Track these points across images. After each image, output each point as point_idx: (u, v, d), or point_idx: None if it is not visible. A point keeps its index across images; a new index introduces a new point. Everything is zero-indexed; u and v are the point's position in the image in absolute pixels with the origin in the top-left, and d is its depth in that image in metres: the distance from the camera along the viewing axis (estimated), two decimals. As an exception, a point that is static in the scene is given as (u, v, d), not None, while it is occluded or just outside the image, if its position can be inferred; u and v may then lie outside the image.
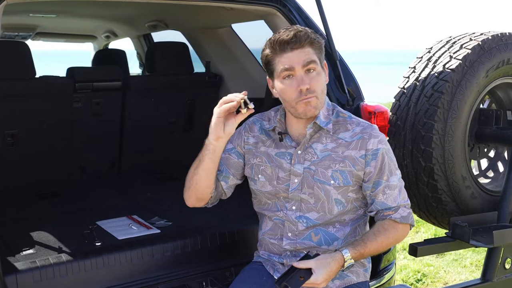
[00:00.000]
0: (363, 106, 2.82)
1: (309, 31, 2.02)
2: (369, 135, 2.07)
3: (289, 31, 2.00)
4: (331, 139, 2.09)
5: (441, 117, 2.55)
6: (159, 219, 2.79)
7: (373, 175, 2.07)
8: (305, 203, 2.11)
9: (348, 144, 2.08)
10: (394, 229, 2.08)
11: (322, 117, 2.07)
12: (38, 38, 5.67)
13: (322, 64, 2.05)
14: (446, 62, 2.63)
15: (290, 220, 2.13)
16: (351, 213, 2.14)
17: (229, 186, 2.24)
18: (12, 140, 3.31)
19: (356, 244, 2.02)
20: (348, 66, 2.95)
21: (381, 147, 2.07)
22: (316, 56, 2.01)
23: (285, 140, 2.13)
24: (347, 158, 2.07)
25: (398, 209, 2.08)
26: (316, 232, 2.12)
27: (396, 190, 2.09)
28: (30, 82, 3.27)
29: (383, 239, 2.06)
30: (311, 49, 2.00)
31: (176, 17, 4.13)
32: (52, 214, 2.98)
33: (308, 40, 1.99)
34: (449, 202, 2.65)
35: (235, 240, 2.63)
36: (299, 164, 2.10)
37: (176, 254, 2.48)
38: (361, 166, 2.06)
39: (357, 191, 2.12)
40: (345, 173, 2.07)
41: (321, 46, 2.04)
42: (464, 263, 4.44)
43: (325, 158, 2.08)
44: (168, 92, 3.78)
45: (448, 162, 2.59)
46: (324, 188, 2.08)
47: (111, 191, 3.46)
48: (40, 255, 2.34)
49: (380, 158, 2.06)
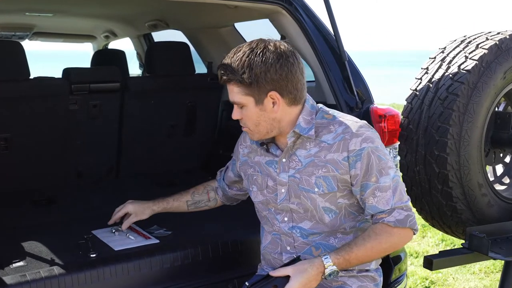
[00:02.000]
0: (373, 109, 2.72)
1: (235, 67, 1.89)
2: (351, 135, 1.92)
3: (222, 63, 1.95)
4: (314, 143, 1.97)
5: (456, 121, 2.46)
6: (158, 228, 2.67)
7: (359, 177, 1.92)
8: (296, 213, 2.01)
9: (329, 147, 1.94)
10: (387, 233, 1.91)
11: (303, 123, 1.96)
12: (36, 38, 5.60)
13: (259, 98, 1.91)
14: (461, 63, 2.54)
15: (284, 233, 2.05)
16: (350, 220, 2.00)
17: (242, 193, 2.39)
18: (5, 144, 3.20)
19: (340, 250, 1.89)
20: (357, 67, 2.84)
21: (366, 146, 1.91)
22: (243, 94, 1.91)
23: (271, 149, 2.06)
24: (329, 162, 1.93)
25: (393, 212, 1.91)
26: (316, 246, 2.01)
27: (388, 192, 1.92)
28: (24, 84, 3.15)
29: (373, 244, 1.90)
30: (235, 87, 1.91)
31: (177, 16, 4.05)
32: (46, 223, 2.88)
33: (226, 79, 1.91)
34: (464, 211, 2.55)
35: (239, 251, 2.52)
36: (284, 173, 2.01)
37: (176, 266, 2.38)
38: (345, 169, 1.92)
39: (349, 197, 1.97)
40: (329, 179, 1.94)
41: (250, 83, 1.88)
42: (473, 270, 4.37)
43: (309, 165, 1.97)
44: (168, 94, 3.67)
45: (464, 169, 2.49)
46: (309, 196, 1.96)
47: (108, 197, 3.34)
48: (31, 267, 2.23)
49: (366, 159, 1.91)
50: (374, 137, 1.94)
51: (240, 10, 3.10)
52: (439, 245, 4.86)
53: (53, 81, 3.33)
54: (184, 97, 3.74)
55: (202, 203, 2.45)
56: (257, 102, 1.91)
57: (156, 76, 3.62)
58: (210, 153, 3.88)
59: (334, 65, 2.77)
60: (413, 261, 4.52)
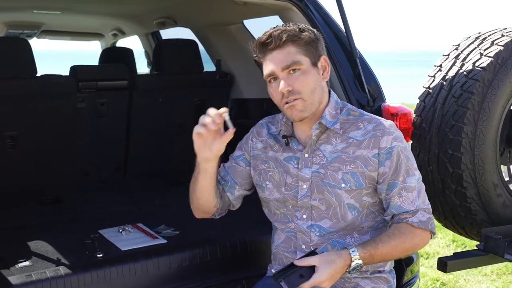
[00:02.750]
0: (385, 107, 2.68)
1: (291, 28, 1.86)
2: (382, 132, 1.89)
3: (268, 31, 1.87)
4: (341, 139, 1.93)
5: (470, 120, 2.40)
6: (165, 227, 2.63)
7: (387, 175, 1.89)
8: (316, 210, 1.95)
9: (359, 143, 1.91)
10: (411, 234, 1.88)
11: (328, 116, 1.92)
12: (44, 36, 5.58)
13: (315, 60, 1.89)
14: (476, 60, 2.48)
15: (301, 231, 1.98)
16: (369, 220, 1.96)
17: (236, 197, 2.11)
18: (12, 142, 3.18)
19: (367, 244, 1.84)
20: (369, 65, 2.79)
21: (396, 144, 1.88)
22: (301, 54, 1.85)
23: (292, 144, 1.99)
24: (358, 158, 1.89)
25: (417, 213, 1.89)
26: (332, 244, 1.95)
27: (414, 193, 1.90)
28: (31, 81, 3.14)
29: (397, 243, 1.86)
30: (293, 48, 1.85)
31: (185, 14, 4.01)
32: (53, 222, 2.85)
33: (286, 38, 1.84)
34: (479, 212, 2.49)
35: (248, 251, 2.48)
36: (307, 168, 1.95)
37: (184, 266, 2.34)
38: (374, 166, 1.89)
39: (372, 195, 1.94)
40: (357, 175, 1.89)
41: (308, 42, 1.87)
42: (484, 271, 4.30)
43: (335, 160, 1.92)
44: (176, 92, 3.64)
45: (479, 168, 2.43)
46: (335, 192, 1.91)
47: (115, 197, 3.33)
48: (36, 267, 2.20)
49: (395, 157, 1.88)
50: (402, 137, 1.93)
51: (249, 7, 3.05)
52: (450, 246, 4.81)
53: (60, 79, 3.31)
54: (192, 95, 3.70)
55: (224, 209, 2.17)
56: (313, 63, 1.88)
57: (164, 74, 3.59)
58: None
59: (345, 63, 2.73)
60: (424, 262, 4.46)
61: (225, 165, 2.13)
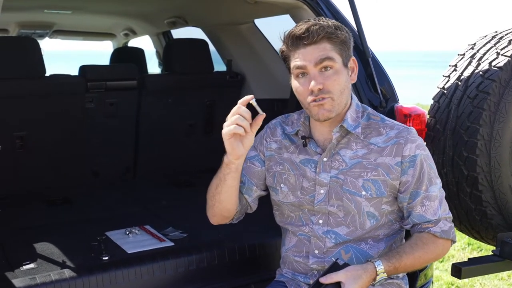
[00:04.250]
0: (398, 108, 2.62)
1: (327, 24, 1.80)
2: (406, 140, 1.84)
3: (304, 24, 1.80)
4: (361, 144, 1.87)
5: (486, 121, 2.33)
6: (173, 229, 2.59)
7: (410, 184, 1.84)
8: (333, 216, 1.89)
9: (381, 150, 1.85)
10: (434, 244, 1.84)
11: (350, 120, 1.86)
12: (56, 36, 5.58)
13: (346, 60, 1.84)
14: (492, 59, 2.40)
15: (317, 236, 1.91)
16: (385, 227, 1.91)
17: (254, 198, 2.04)
18: (21, 143, 3.17)
19: (391, 257, 1.79)
20: (382, 65, 2.73)
21: (419, 153, 1.84)
22: (336, 52, 1.80)
23: (309, 146, 1.92)
24: (380, 165, 1.84)
25: (439, 222, 1.85)
26: (346, 249, 1.90)
27: (436, 202, 1.85)
28: (40, 81, 3.12)
29: (421, 254, 1.82)
30: (329, 45, 1.79)
31: (196, 13, 3.99)
32: (60, 223, 2.83)
33: (323, 35, 1.78)
34: (495, 216, 2.42)
35: (256, 255, 2.43)
36: (325, 173, 1.88)
37: (191, 270, 2.30)
38: (396, 174, 1.84)
39: (392, 203, 1.88)
40: (378, 183, 1.84)
41: (344, 41, 1.82)
42: (501, 275, 4.23)
43: (355, 166, 1.86)
44: (186, 92, 3.61)
45: (495, 171, 2.36)
46: (354, 199, 1.85)
47: (124, 198, 3.30)
48: (41, 270, 2.17)
49: (419, 166, 1.83)
50: (424, 144, 1.88)
51: (260, 6, 3.03)
52: (465, 249, 4.73)
53: (69, 79, 3.29)
54: (202, 95, 3.68)
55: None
56: (345, 63, 1.84)
57: (174, 73, 3.56)
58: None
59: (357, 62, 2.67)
60: (438, 265, 4.39)
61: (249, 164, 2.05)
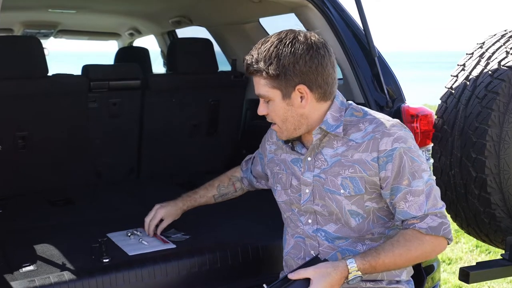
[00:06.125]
0: (405, 109, 2.58)
1: (264, 56, 1.77)
2: (382, 134, 1.78)
3: (252, 50, 1.82)
4: (341, 142, 1.85)
5: (495, 121, 2.30)
6: (175, 231, 2.55)
7: (390, 180, 1.78)
8: (320, 215, 1.90)
9: (357, 146, 1.81)
10: (418, 240, 1.75)
11: (330, 120, 1.83)
12: (61, 36, 5.59)
13: (287, 91, 1.79)
14: (501, 59, 2.38)
15: (308, 236, 1.93)
16: (378, 226, 1.86)
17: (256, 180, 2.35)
18: (23, 143, 3.14)
19: (367, 254, 1.74)
20: (388, 64, 2.69)
21: (397, 146, 1.76)
22: (269, 87, 1.79)
23: (297, 148, 1.94)
24: (356, 162, 1.80)
25: (425, 218, 1.76)
26: (342, 253, 1.87)
27: (421, 197, 1.77)
28: (42, 81, 3.10)
29: (402, 251, 1.74)
30: (262, 79, 1.80)
31: (200, 12, 3.97)
32: (62, 224, 2.79)
33: (253, 70, 1.80)
34: (504, 219, 2.39)
35: (260, 257, 2.39)
36: (309, 172, 1.89)
37: (193, 273, 2.27)
38: (374, 170, 1.78)
39: (378, 200, 1.83)
40: (356, 180, 1.80)
41: (278, 75, 1.76)
42: (510, 278, 4.15)
43: (335, 164, 1.84)
44: (190, 92, 3.58)
45: (504, 173, 2.33)
46: (335, 198, 1.83)
47: (127, 199, 3.27)
48: (40, 272, 2.13)
49: (397, 160, 1.76)
50: (407, 137, 1.80)
51: (264, 5, 3.01)
52: (474, 251, 4.67)
53: (72, 78, 3.27)
54: (206, 95, 3.64)
55: (229, 195, 2.43)
56: (284, 96, 1.80)
57: (178, 73, 3.53)
58: (233, 153, 3.77)
59: (363, 62, 2.65)
60: (446, 268, 4.35)
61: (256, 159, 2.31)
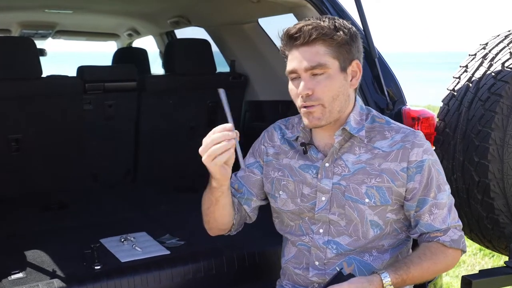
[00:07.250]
0: (406, 111, 2.51)
1: (326, 24, 1.66)
2: (412, 144, 1.72)
3: (301, 23, 1.68)
4: (365, 148, 1.76)
5: (499, 125, 2.24)
6: (170, 237, 2.50)
7: (417, 191, 1.72)
8: (335, 225, 1.79)
9: (386, 155, 1.74)
10: (443, 254, 1.73)
11: (353, 122, 1.75)
12: (59, 37, 5.54)
13: (345, 64, 1.69)
14: (505, 60, 2.32)
15: (317, 246, 1.81)
16: (390, 237, 1.80)
17: (253, 209, 1.94)
18: (16, 146, 3.10)
19: (398, 268, 1.68)
20: (389, 66, 2.63)
21: (427, 158, 1.72)
22: (330, 56, 1.66)
23: (310, 152, 1.81)
24: (384, 171, 1.73)
25: (448, 231, 1.73)
26: (349, 262, 1.79)
27: (445, 209, 1.74)
28: (36, 82, 3.05)
29: (429, 264, 1.70)
30: (323, 47, 1.65)
31: (199, 13, 3.90)
32: (54, 229, 2.75)
33: (316, 36, 1.64)
34: (507, 224, 2.33)
35: (256, 264, 2.35)
36: (327, 179, 1.77)
37: (187, 280, 2.22)
38: (402, 181, 1.72)
39: (397, 212, 1.77)
40: (383, 190, 1.73)
41: (342, 43, 1.67)
42: (513, 285, 4.07)
43: (358, 172, 1.75)
44: (188, 94, 3.53)
45: (507, 178, 2.27)
46: (357, 207, 1.74)
47: (123, 203, 3.22)
48: (30, 280, 2.09)
49: (426, 172, 1.72)
50: (432, 149, 1.77)
51: (263, 5, 2.94)
52: (477, 254, 4.60)
53: (66, 80, 3.22)
54: (204, 97, 3.59)
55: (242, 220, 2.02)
56: (342, 68, 1.70)
57: (175, 74, 3.48)
58: (232, 156, 3.70)
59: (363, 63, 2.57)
60: (449, 271, 4.27)
61: (237, 175, 1.94)
